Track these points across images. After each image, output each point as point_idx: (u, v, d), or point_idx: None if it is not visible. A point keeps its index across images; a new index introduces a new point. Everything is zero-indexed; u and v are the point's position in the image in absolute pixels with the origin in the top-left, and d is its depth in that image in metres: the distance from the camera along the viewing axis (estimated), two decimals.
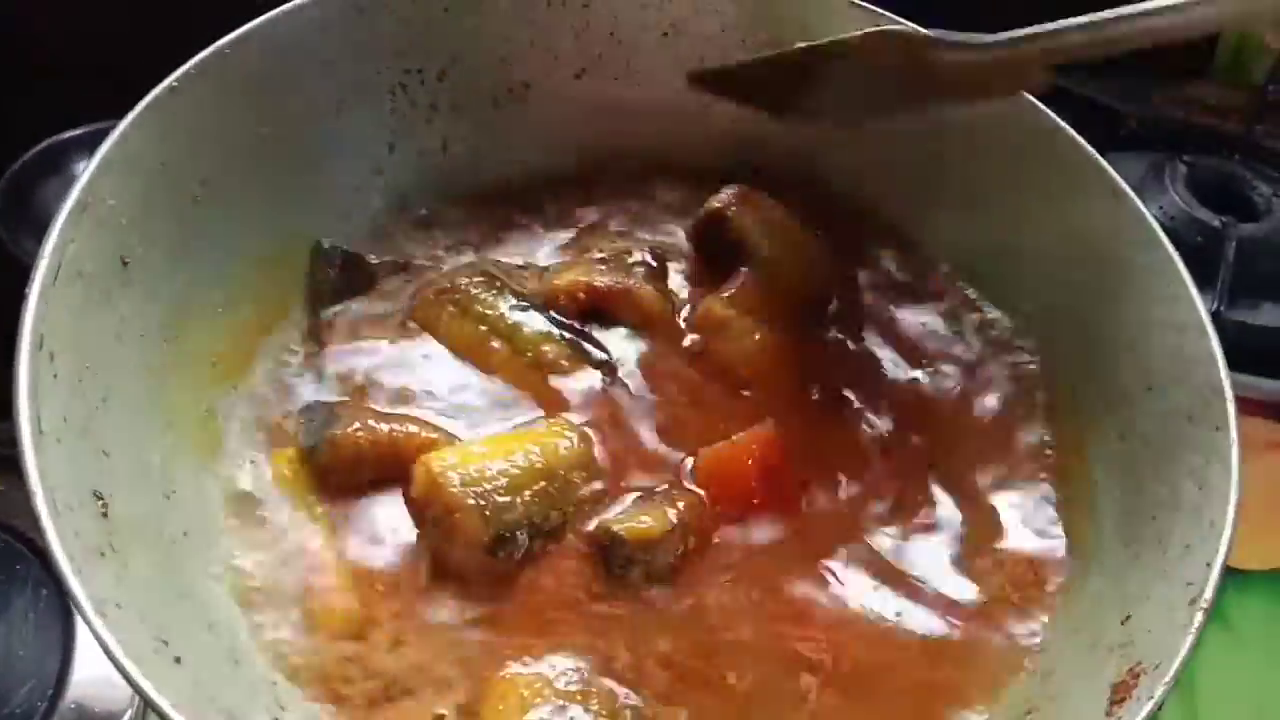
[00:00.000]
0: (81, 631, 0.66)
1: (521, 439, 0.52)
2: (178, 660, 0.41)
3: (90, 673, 0.65)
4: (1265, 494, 0.74)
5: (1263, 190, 0.88)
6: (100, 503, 0.44)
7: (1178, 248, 0.54)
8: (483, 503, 0.48)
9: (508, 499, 0.49)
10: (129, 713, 0.64)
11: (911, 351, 0.61)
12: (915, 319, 0.62)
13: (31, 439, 0.42)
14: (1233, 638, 0.69)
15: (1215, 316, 0.76)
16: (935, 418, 0.58)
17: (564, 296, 0.59)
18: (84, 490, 0.44)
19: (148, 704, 0.37)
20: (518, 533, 0.49)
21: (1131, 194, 0.57)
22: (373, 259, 0.60)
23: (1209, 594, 0.44)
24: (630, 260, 0.61)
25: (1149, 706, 0.40)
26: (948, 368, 0.60)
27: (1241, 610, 0.70)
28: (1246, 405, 0.76)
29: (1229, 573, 0.68)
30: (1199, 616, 0.43)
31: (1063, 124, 0.59)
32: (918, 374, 0.60)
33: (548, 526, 0.50)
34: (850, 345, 0.61)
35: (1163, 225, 0.56)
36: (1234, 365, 0.76)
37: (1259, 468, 0.76)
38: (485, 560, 0.49)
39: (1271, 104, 0.93)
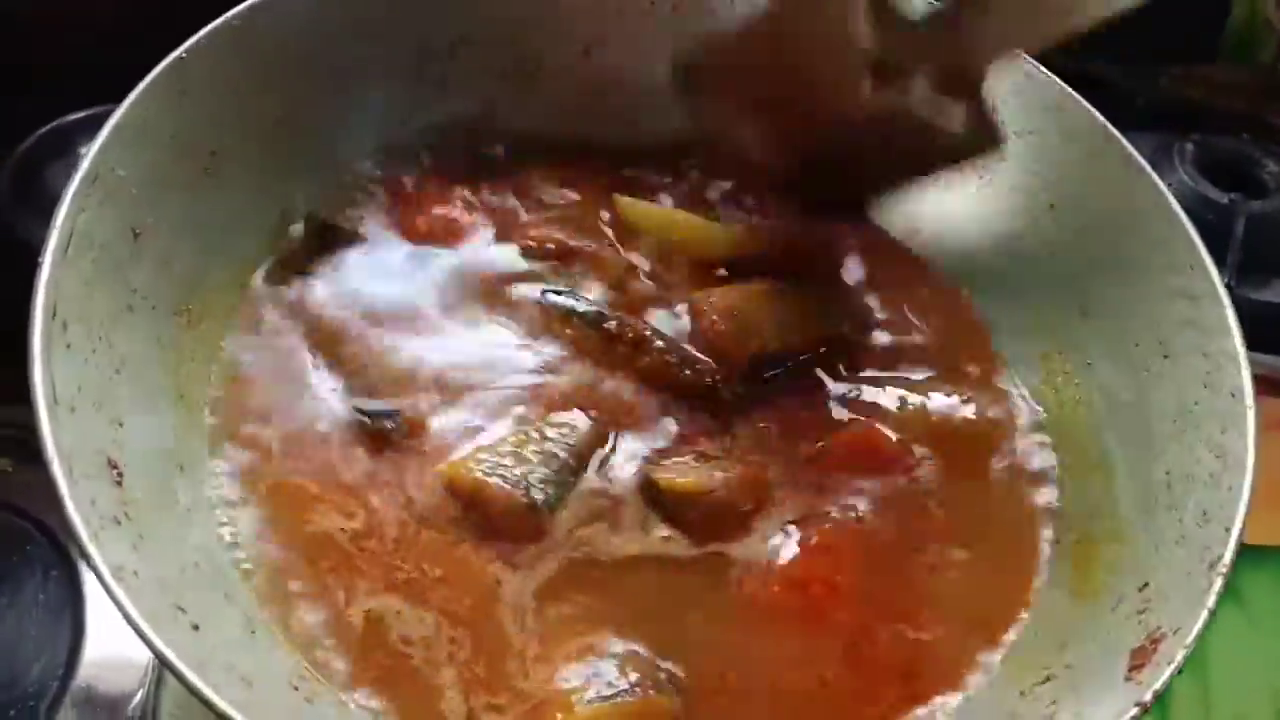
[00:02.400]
0: (92, 612, 0.66)
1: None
2: (195, 627, 0.41)
3: (101, 653, 0.65)
4: (1276, 469, 0.75)
5: (1271, 168, 0.88)
6: (115, 471, 0.44)
7: None
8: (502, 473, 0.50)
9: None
10: (140, 693, 0.64)
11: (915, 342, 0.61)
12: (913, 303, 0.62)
13: (46, 407, 0.42)
14: (1245, 613, 0.69)
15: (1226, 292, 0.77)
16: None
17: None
18: (99, 459, 0.44)
19: (168, 669, 0.37)
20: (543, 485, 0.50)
21: (1145, 165, 0.57)
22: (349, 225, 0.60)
23: (1228, 558, 0.44)
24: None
25: (1169, 671, 0.40)
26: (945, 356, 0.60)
27: (1254, 585, 0.70)
28: (1258, 383, 0.77)
29: (1241, 548, 0.70)
30: (1218, 581, 0.43)
31: (1075, 94, 0.59)
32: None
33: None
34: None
35: None
36: (1247, 342, 0.77)
37: (1269, 443, 0.76)
38: (527, 517, 0.49)
39: None
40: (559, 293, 0.59)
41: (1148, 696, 0.40)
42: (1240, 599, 0.69)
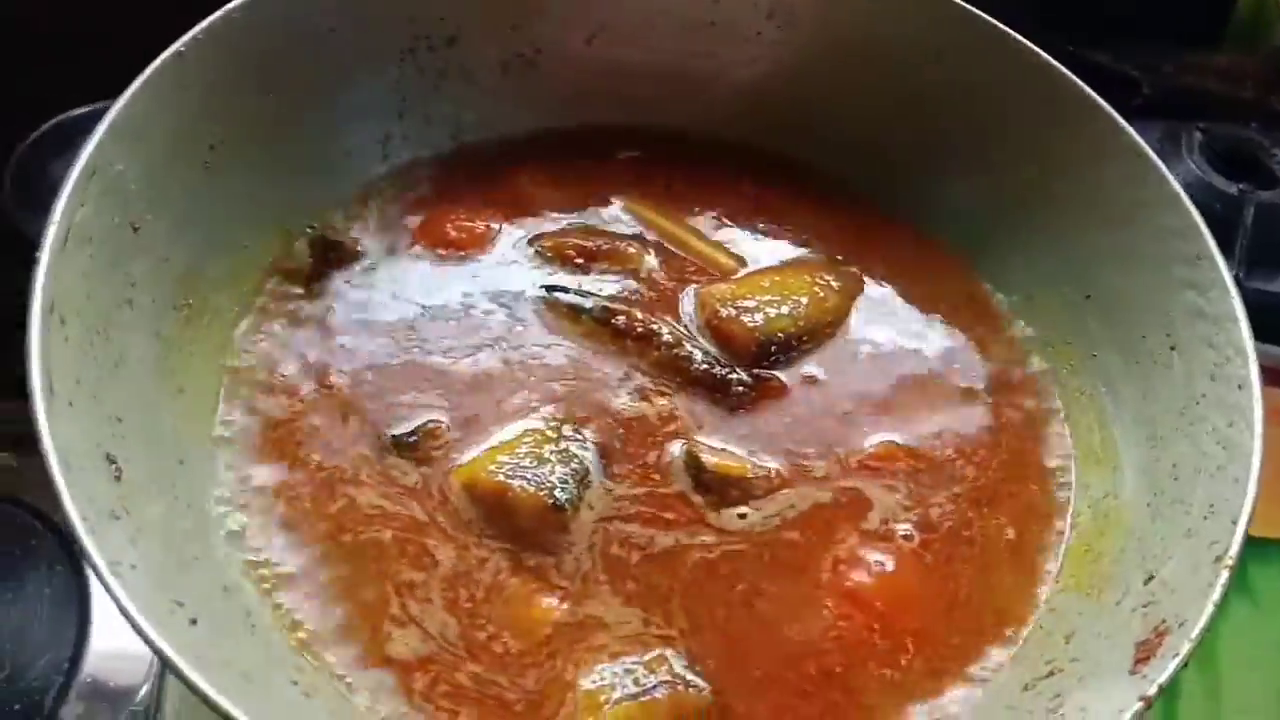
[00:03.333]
0: (97, 606, 0.66)
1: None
2: (193, 622, 0.41)
3: (106, 646, 0.65)
4: None
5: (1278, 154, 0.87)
6: (114, 466, 0.44)
7: None
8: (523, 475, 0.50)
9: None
10: (145, 687, 0.64)
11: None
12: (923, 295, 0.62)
13: (44, 400, 0.41)
14: (1253, 605, 0.68)
15: (1235, 283, 0.76)
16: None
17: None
18: (97, 454, 0.43)
19: (165, 664, 0.37)
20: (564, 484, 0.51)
21: (1153, 155, 0.56)
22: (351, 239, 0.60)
23: (1234, 551, 0.43)
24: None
25: (1174, 664, 0.40)
26: (950, 338, 0.60)
27: (1263, 577, 0.69)
28: (1266, 374, 0.76)
29: (1249, 541, 0.69)
30: (1224, 574, 0.42)
31: (1084, 85, 0.58)
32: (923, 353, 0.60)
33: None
34: None
35: None
36: (1256, 333, 0.77)
37: (1274, 435, 0.76)
38: (551, 517, 0.50)
39: None
40: (566, 290, 0.59)
41: (1152, 690, 0.39)
42: (1249, 591, 0.69)
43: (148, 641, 0.37)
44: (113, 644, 0.65)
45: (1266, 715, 0.64)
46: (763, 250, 0.63)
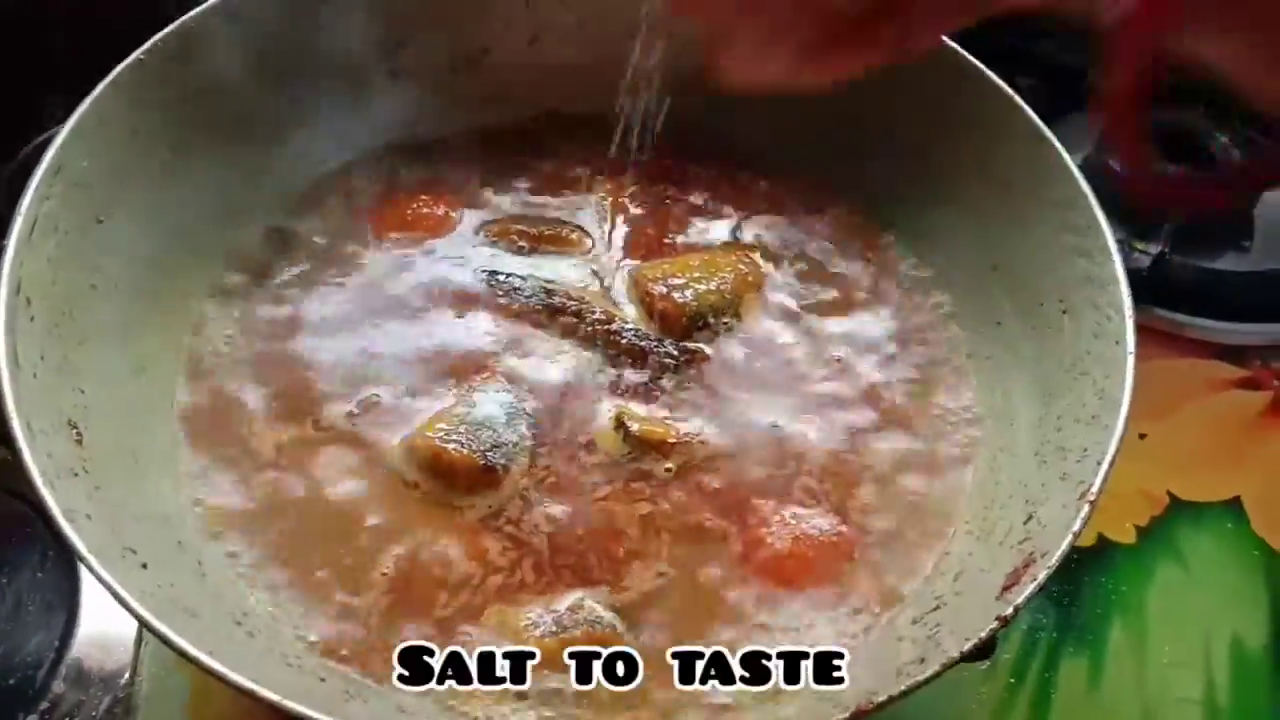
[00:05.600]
0: (86, 593, 0.70)
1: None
2: (144, 566, 0.45)
3: (95, 630, 0.68)
4: (1214, 431, 0.77)
5: (1222, 140, 0.89)
6: (75, 431, 0.48)
7: None
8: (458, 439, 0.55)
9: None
10: (129, 671, 0.67)
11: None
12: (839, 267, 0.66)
13: (8, 370, 0.46)
14: (1182, 566, 0.71)
15: (1162, 259, 0.79)
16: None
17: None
18: (59, 419, 0.48)
19: (112, 595, 0.41)
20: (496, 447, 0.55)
21: (1047, 132, 0.60)
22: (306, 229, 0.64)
23: (1096, 487, 0.47)
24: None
25: (1031, 588, 0.44)
26: (870, 314, 0.64)
27: (1191, 541, 0.71)
28: (1196, 347, 0.79)
29: (1180, 506, 0.72)
30: (1085, 508, 0.46)
31: (989, 72, 0.62)
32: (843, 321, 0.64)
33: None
34: None
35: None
36: (1186, 308, 0.80)
37: (1208, 406, 0.79)
38: (484, 476, 0.54)
39: None
40: (507, 275, 0.63)
41: (1008, 611, 0.43)
42: (1178, 553, 0.71)
43: (96, 576, 0.41)
44: (100, 629, 0.68)
45: (1191, 670, 0.66)
46: (694, 231, 0.67)
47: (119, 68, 0.56)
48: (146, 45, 0.57)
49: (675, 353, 0.61)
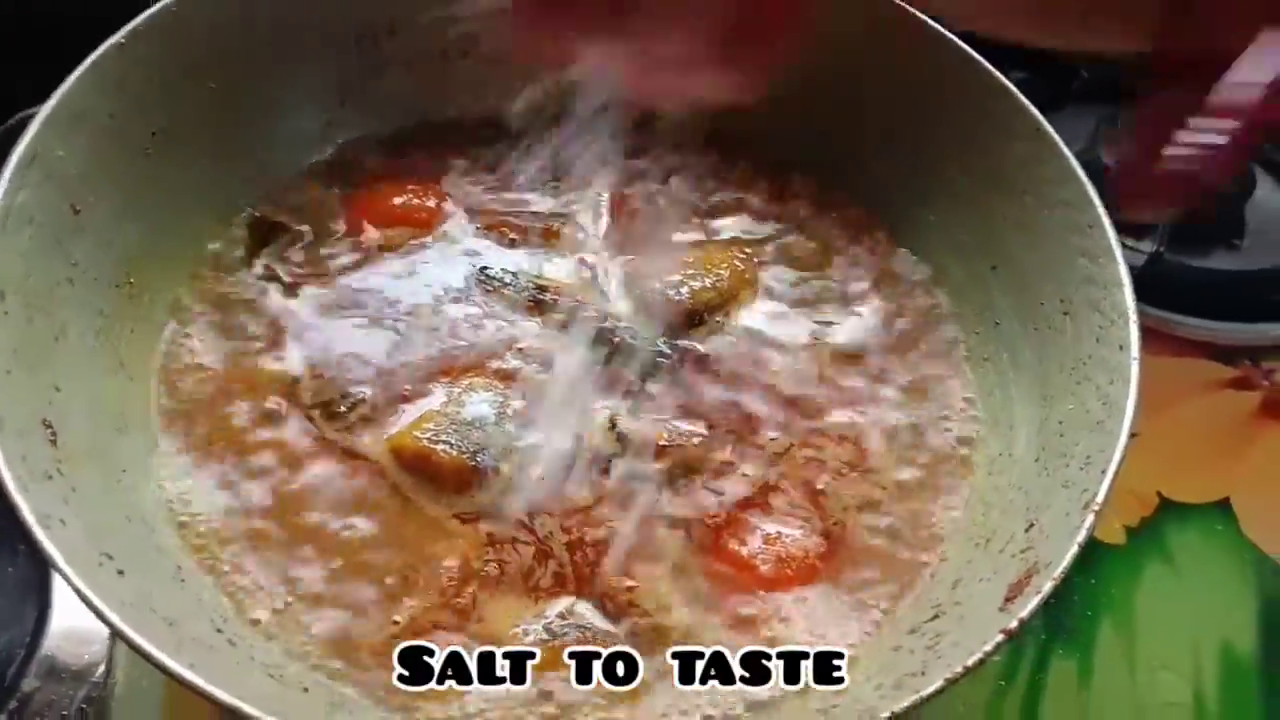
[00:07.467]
0: (58, 585, 0.69)
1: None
2: (121, 573, 0.44)
3: (66, 625, 0.67)
4: (1204, 432, 0.77)
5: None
6: (49, 431, 0.47)
7: None
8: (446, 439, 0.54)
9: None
10: (103, 665, 0.66)
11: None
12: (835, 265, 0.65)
13: None
14: (1171, 567, 0.71)
15: (1156, 258, 0.79)
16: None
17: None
18: (33, 419, 0.46)
19: (88, 607, 0.40)
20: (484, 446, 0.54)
21: (1050, 129, 0.59)
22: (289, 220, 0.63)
23: (1100, 497, 0.46)
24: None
25: (1036, 600, 0.43)
26: (867, 313, 0.63)
27: (1180, 541, 0.71)
28: (1187, 346, 0.79)
29: (1170, 506, 0.72)
30: (1090, 518, 0.45)
31: (982, 59, 0.61)
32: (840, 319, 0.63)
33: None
34: None
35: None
36: (1177, 307, 0.79)
37: (1200, 406, 0.78)
38: (472, 477, 0.53)
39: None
40: (498, 270, 0.62)
41: (1013, 624, 0.42)
42: (1167, 554, 0.71)
43: (72, 585, 0.40)
44: (72, 624, 0.67)
45: (1179, 671, 0.66)
46: (689, 228, 0.65)
47: (96, 52, 0.54)
48: (125, 29, 0.55)
49: (669, 351, 0.59)
